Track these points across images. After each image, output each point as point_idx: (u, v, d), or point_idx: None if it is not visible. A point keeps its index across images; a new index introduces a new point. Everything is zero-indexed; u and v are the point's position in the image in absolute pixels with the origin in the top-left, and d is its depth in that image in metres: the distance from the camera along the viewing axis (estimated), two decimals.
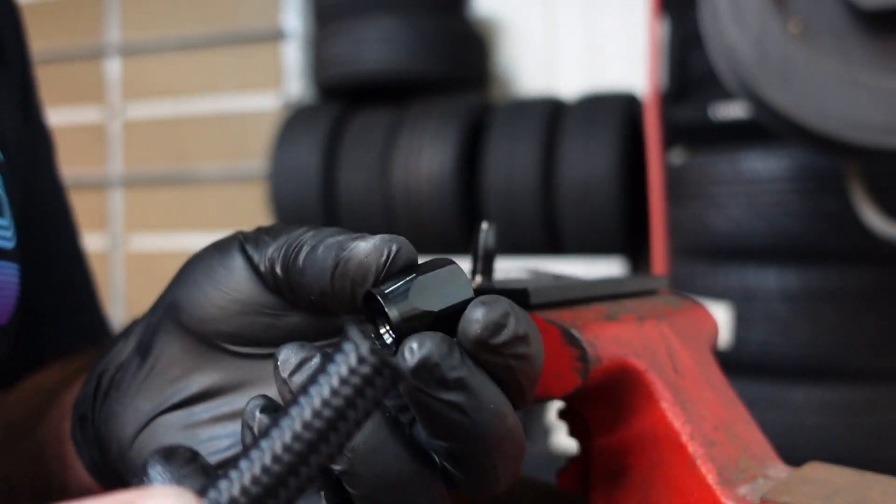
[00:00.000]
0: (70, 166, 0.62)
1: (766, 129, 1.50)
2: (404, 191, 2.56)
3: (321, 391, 0.23)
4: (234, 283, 0.33)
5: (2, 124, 0.45)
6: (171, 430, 0.34)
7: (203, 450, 0.33)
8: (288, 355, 0.30)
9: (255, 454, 0.22)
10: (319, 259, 0.30)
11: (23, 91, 0.54)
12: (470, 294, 0.29)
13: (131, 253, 3.60)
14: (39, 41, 0.56)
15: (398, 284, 0.29)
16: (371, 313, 0.30)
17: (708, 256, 1.83)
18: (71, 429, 0.39)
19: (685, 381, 0.38)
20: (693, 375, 0.39)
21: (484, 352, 0.28)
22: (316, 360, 0.29)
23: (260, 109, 3.31)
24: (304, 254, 0.31)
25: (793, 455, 0.52)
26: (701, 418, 0.37)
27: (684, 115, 1.99)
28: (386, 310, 0.28)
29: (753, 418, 0.41)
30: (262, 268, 0.33)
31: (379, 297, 0.28)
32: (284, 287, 0.32)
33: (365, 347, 0.23)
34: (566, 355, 0.35)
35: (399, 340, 0.28)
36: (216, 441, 0.34)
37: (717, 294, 1.76)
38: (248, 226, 0.37)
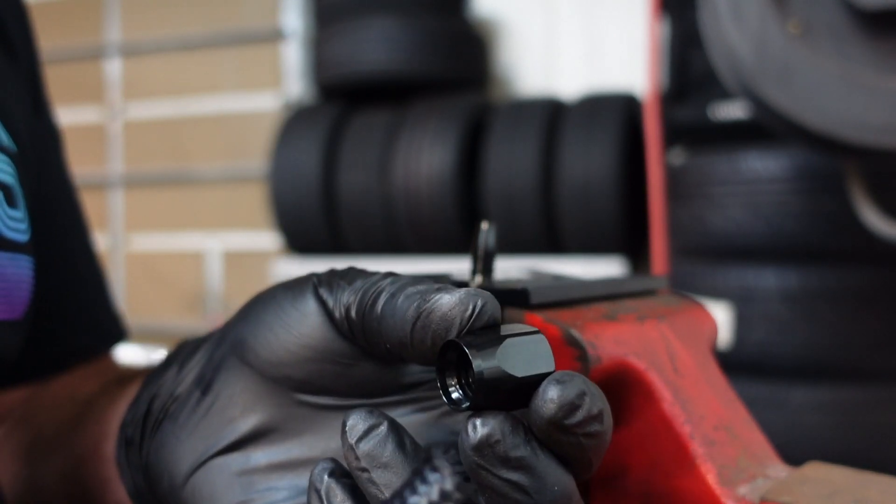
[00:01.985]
0: (70, 166, 0.62)
1: (765, 129, 1.50)
2: (404, 191, 2.56)
3: None
4: (307, 328, 0.33)
5: (13, 116, 0.45)
6: (226, 474, 0.33)
7: (260, 498, 0.33)
8: (356, 421, 0.29)
9: None
10: (400, 308, 0.30)
11: (32, 87, 0.54)
12: (552, 368, 0.28)
13: (131, 253, 3.60)
14: (39, 41, 0.56)
15: (485, 341, 0.28)
16: (443, 364, 0.29)
17: (708, 256, 1.83)
18: (116, 451, 0.38)
19: (685, 381, 0.38)
20: (693, 375, 0.39)
21: (556, 431, 0.27)
22: (383, 429, 0.29)
23: (260, 109, 3.31)
24: (382, 301, 0.30)
25: (793, 455, 0.52)
26: (701, 418, 0.37)
27: (684, 115, 1.99)
28: (472, 364, 0.27)
29: (753, 418, 0.41)
30: (336, 314, 0.32)
31: (467, 350, 0.28)
32: (359, 333, 0.32)
33: (450, 482, 0.21)
34: (566, 355, 0.35)
35: (471, 398, 0.28)
36: (273, 492, 0.33)
37: (717, 294, 1.76)
38: (248, 225, 0.36)
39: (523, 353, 0.28)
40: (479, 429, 0.27)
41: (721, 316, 1.74)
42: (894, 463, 1.60)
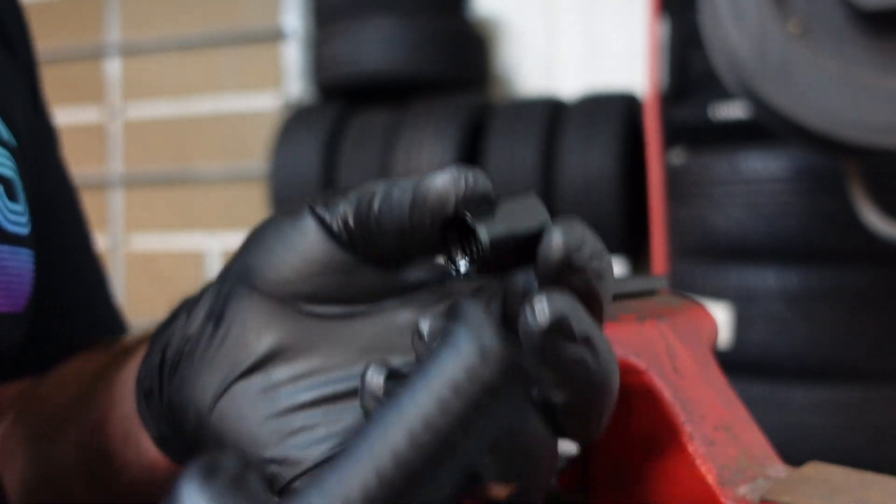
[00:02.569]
0: (70, 166, 0.62)
1: (766, 129, 1.50)
2: None
3: (422, 405, 0.18)
4: (308, 245, 0.33)
5: (13, 112, 0.45)
6: (250, 394, 0.34)
7: (286, 406, 0.33)
8: (431, 325, 0.29)
9: (328, 489, 0.17)
10: (396, 200, 0.30)
11: (30, 85, 0.54)
12: (547, 218, 0.29)
13: (131, 253, 3.60)
14: (39, 41, 0.56)
15: (482, 209, 0.29)
16: (445, 244, 0.30)
17: (708, 256, 1.83)
18: (136, 404, 0.39)
19: (685, 381, 0.38)
20: (693, 375, 0.39)
21: (567, 272, 0.28)
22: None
23: (260, 109, 3.31)
24: (378, 200, 0.31)
25: (793, 455, 0.51)
26: (701, 418, 0.37)
27: (684, 115, 1.99)
28: (476, 229, 0.28)
29: (753, 418, 0.41)
30: (334, 226, 0.33)
31: (468, 219, 0.28)
32: (358, 240, 0.33)
33: (488, 336, 0.19)
34: None
35: (478, 266, 0.28)
36: (297, 395, 0.34)
37: (717, 294, 1.76)
38: (248, 225, 0.37)
39: (520, 211, 0.29)
40: (546, 310, 0.27)
41: (721, 316, 1.74)
42: (894, 463, 1.60)
